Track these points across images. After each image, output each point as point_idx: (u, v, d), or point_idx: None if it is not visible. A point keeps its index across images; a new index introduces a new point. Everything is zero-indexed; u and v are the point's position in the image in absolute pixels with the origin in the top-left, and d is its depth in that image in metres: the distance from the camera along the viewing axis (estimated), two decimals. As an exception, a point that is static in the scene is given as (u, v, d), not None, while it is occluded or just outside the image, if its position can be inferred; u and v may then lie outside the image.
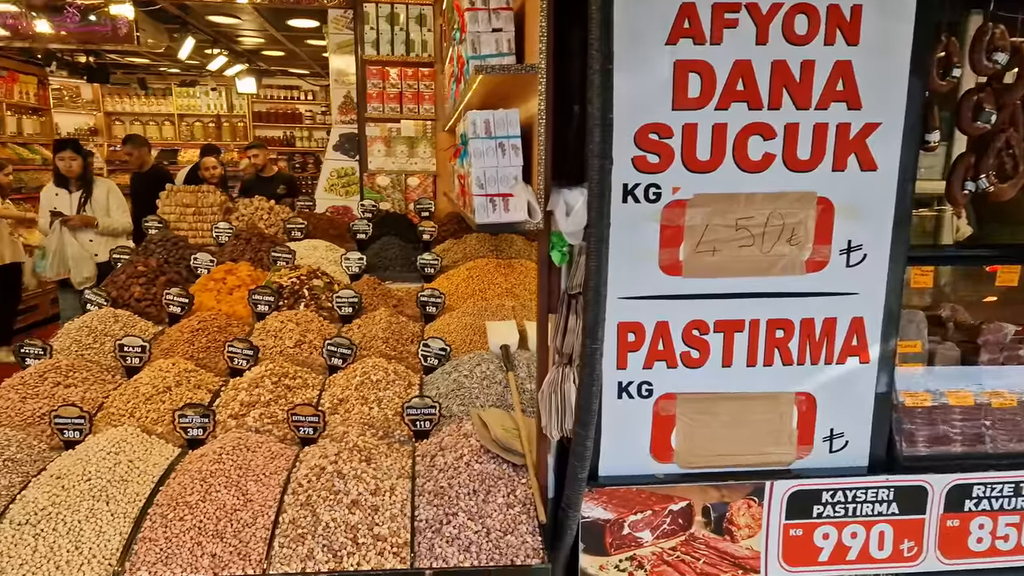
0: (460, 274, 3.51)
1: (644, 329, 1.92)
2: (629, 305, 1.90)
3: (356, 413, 2.39)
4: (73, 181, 5.18)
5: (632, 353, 1.94)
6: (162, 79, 11.07)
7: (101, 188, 5.27)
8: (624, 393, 1.97)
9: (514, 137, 1.87)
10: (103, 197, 5.25)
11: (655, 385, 1.97)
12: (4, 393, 2.48)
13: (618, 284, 1.86)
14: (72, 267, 5.13)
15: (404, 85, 5.31)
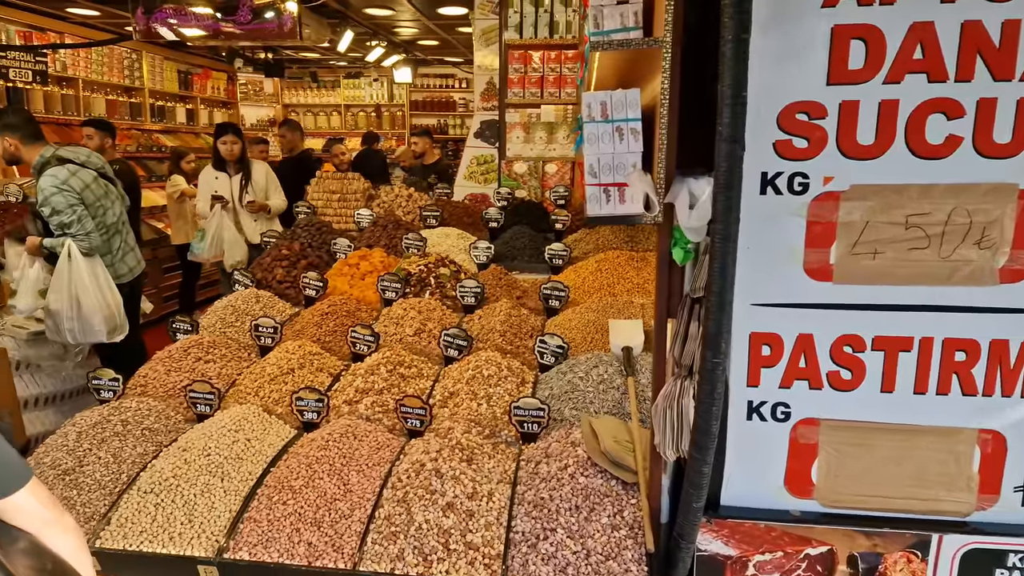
0: (588, 266, 3.32)
1: (782, 342, 1.64)
2: (764, 313, 1.63)
3: (464, 408, 2.30)
4: (232, 164, 5.15)
5: (766, 369, 1.66)
6: (331, 72, 11.79)
7: (259, 170, 5.28)
8: (755, 414, 1.70)
9: (634, 120, 1.66)
10: (262, 179, 5.25)
11: (793, 408, 1.68)
12: (153, 365, 2.66)
13: (752, 288, 1.60)
14: (226, 249, 5.11)
15: (546, 69, 5.17)
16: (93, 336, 3.58)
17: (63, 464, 2.10)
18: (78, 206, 3.49)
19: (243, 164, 5.19)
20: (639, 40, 1.71)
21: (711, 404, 1.54)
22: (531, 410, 2.14)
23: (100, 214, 3.66)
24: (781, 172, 1.55)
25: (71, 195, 3.46)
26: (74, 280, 3.47)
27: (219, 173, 5.18)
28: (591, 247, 3.66)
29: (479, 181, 5.41)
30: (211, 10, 5.68)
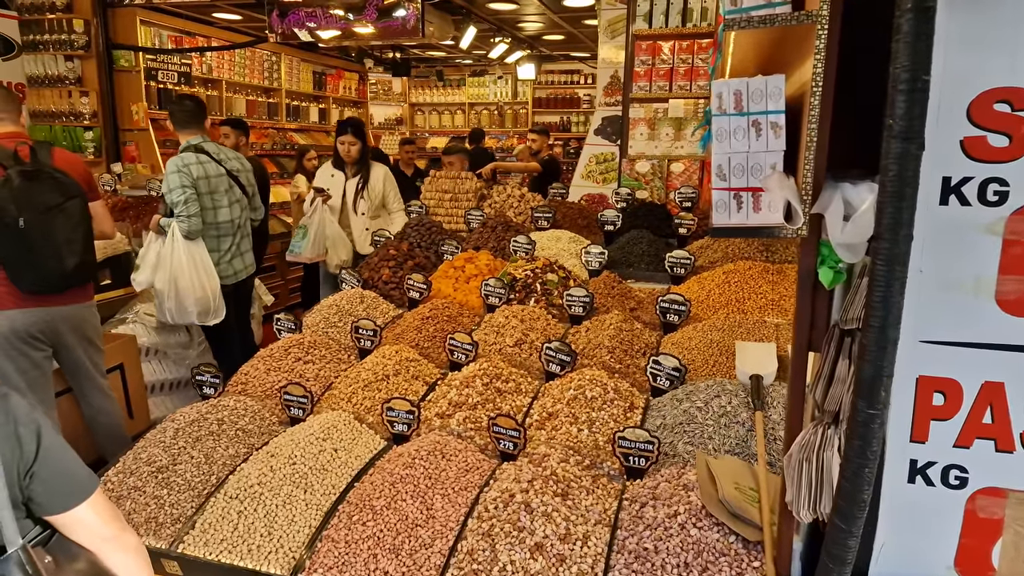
0: (715, 277, 2.99)
1: (961, 390, 1.30)
2: (939, 353, 1.29)
3: (563, 433, 2.08)
4: (350, 165, 4.70)
5: (938, 423, 1.32)
6: (457, 70, 11.91)
7: (377, 174, 4.75)
8: (920, 477, 1.36)
9: (775, 113, 1.36)
10: (379, 184, 4.72)
11: (972, 472, 1.33)
12: (255, 363, 2.65)
13: (923, 321, 1.27)
14: (329, 248, 4.62)
15: (677, 60, 4.82)
16: (186, 317, 3.63)
17: (158, 461, 2.09)
18: (189, 189, 3.55)
19: (362, 165, 4.73)
20: (786, 16, 1.41)
21: (863, 465, 1.22)
22: (638, 442, 1.89)
23: (210, 207, 3.69)
24: (970, 178, 1.20)
25: (186, 178, 3.54)
26: (174, 261, 3.55)
27: (336, 171, 4.80)
28: (719, 255, 3.31)
29: (597, 181, 5.15)
30: (342, 11, 5.80)
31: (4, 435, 1.23)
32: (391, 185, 4.80)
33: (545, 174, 6.03)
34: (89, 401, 3.20)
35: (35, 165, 2.81)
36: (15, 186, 2.72)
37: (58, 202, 2.83)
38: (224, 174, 3.78)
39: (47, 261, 2.75)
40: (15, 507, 1.24)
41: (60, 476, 1.31)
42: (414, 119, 12.12)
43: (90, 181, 3.17)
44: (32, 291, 2.81)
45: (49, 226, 2.75)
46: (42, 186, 2.80)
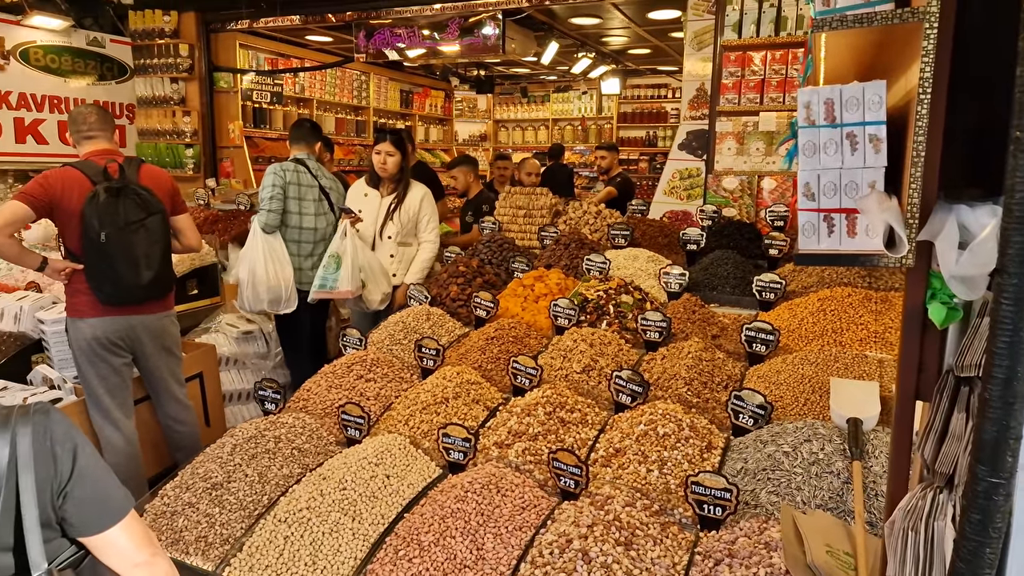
0: (808, 304, 2.72)
1: (1113, 456, 1.05)
2: (1083, 409, 1.05)
3: (631, 473, 1.91)
4: (386, 182, 3.96)
5: (1082, 495, 1.08)
6: (542, 86, 11.88)
7: (415, 194, 3.98)
8: (1055, 558, 1.12)
9: (875, 124, 1.17)
10: (415, 205, 3.95)
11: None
12: (317, 380, 2.61)
13: (1063, 370, 1.04)
14: (367, 281, 3.77)
15: (769, 71, 4.56)
16: (259, 304, 3.75)
17: (213, 477, 2.06)
18: (277, 188, 3.74)
19: (400, 182, 3.96)
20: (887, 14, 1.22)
21: (983, 544, 1.00)
22: (715, 489, 1.70)
23: (296, 211, 3.85)
24: None
25: (278, 179, 3.76)
26: (253, 252, 3.73)
27: (370, 190, 4.04)
28: (814, 280, 3.04)
29: (680, 197, 4.92)
30: (427, 30, 5.86)
31: (40, 452, 1.21)
32: (429, 209, 4.03)
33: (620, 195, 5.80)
34: (165, 410, 3.27)
35: (122, 182, 2.93)
36: (100, 202, 2.83)
37: (140, 218, 2.92)
38: (316, 187, 3.93)
39: (125, 274, 2.83)
40: (48, 527, 1.21)
41: (94, 497, 1.28)
42: (498, 135, 12.17)
43: (176, 196, 3.27)
44: (111, 302, 2.90)
45: (129, 241, 2.84)
46: (126, 202, 2.90)
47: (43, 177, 2.90)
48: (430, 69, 9.79)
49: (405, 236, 4.00)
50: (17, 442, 1.17)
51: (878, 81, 1.19)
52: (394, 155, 3.91)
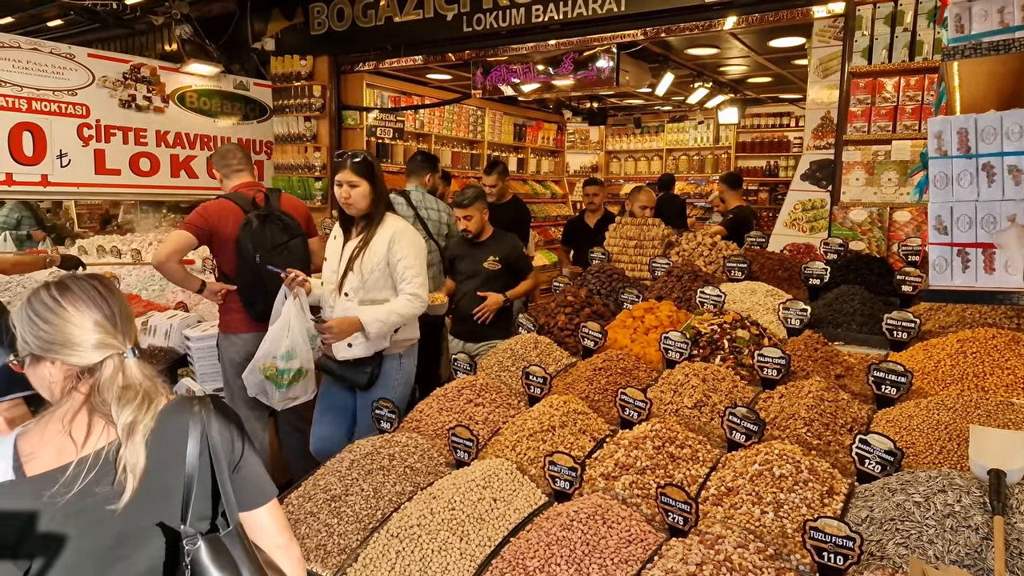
0: (946, 345, 2.51)
1: None
2: None
3: (743, 513, 1.83)
4: (357, 222, 3.10)
5: None
6: (656, 117, 11.80)
7: (384, 233, 3.02)
8: None
9: (1015, 154, 1.10)
10: (381, 248, 2.99)
11: None
12: (429, 402, 2.70)
13: None
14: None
15: (902, 97, 4.31)
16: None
17: (332, 490, 2.17)
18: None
19: (371, 221, 3.04)
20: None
21: None
22: (837, 536, 1.59)
23: None
24: None
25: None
26: None
27: (339, 232, 3.18)
28: (953, 320, 2.81)
29: (802, 229, 4.70)
30: (541, 66, 6.01)
31: (224, 430, 1.40)
32: (407, 251, 3.00)
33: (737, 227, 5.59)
34: (289, 416, 3.50)
35: (267, 209, 3.29)
36: (253, 228, 3.21)
37: (284, 240, 3.28)
38: (411, 216, 4.21)
39: (274, 290, 3.10)
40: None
41: (254, 478, 1.46)
42: (610, 166, 12.17)
43: (309, 221, 3.63)
44: (262, 318, 3.17)
45: (275, 261, 3.14)
46: (273, 227, 3.28)
47: (203, 209, 3.28)
48: (543, 102, 10.00)
49: (372, 290, 3.00)
50: (211, 424, 1.38)
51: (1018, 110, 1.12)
52: (358, 185, 2.97)
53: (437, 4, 5.94)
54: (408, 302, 3.00)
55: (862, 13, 4.38)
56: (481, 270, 3.99)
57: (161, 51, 7.14)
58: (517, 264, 4.08)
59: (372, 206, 3.04)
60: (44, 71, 5.38)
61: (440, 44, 6.20)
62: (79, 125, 5.62)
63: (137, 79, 5.98)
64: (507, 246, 4.07)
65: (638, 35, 5.45)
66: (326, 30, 6.57)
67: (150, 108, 6.09)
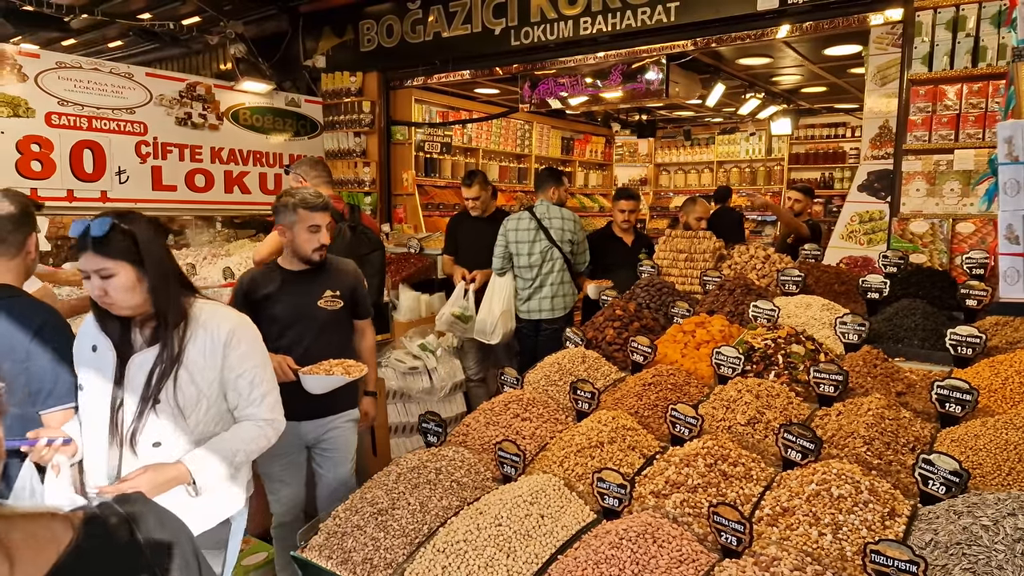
0: (1015, 362, 2.39)
1: None
2: None
3: (800, 535, 1.77)
4: (139, 323, 2.02)
5: None
6: (706, 129, 11.65)
7: (204, 337, 2.02)
8: None
9: (1101, 149, 1.04)
10: (209, 363, 2.02)
11: None
12: (476, 416, 2.69)
13: None
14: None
15: (965, 105, 4.15)
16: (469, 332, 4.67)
17: (379, 503, 2.18)
18: (500, 238, 4.75)
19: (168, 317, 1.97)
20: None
21: None
22: (899, 561, 1.52)
23: (515, 252, 4.71)
24: None
25: (501, 237, 4.75)
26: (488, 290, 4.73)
27: (101, 337, 2.04)
28: (1021, 335, 2.67)
29: (860, 242, 4.56)
30: (590, 78, 6.02)
31: None
32: (250, 358, 2.09)
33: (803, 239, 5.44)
34: None
35: (354, 221, 3.53)
36: (347, 239, 3.50)
37: (366, 252, 3.51)
38: (536, 228, 4.65)
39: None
40: None
41: None
42: (659, 179, 12.06)
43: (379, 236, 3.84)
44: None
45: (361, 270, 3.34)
46: (359, 239, 3.51)
47: None
48: (591, 115, 9.99)
49: (209, 425, 2.06)
50: None
51: (1102, 109, 1.06)
52: (113, 274, 1.87)
53: (485, 19, 6.01)
54: (258, 430, 2.11)
55: (922, 19, 4.25)
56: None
57: (216, 70, 7.41)
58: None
59: (156, 299, 1.94)
60: (104, 90, 5.60)
61: (488, 58, 6.27)
62: (137, 142, 5.83)
63: (193, 97, 6.18)
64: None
65: (688, 46, 5.41)
66: (376, 46, 6.72)
67: (205, 125, 6.29)
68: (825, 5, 4.75)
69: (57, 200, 5.34)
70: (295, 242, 2.86)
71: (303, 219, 2.82)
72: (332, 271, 3.02)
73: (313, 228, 2.85)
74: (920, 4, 4.25)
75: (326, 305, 2.95)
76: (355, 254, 3.42)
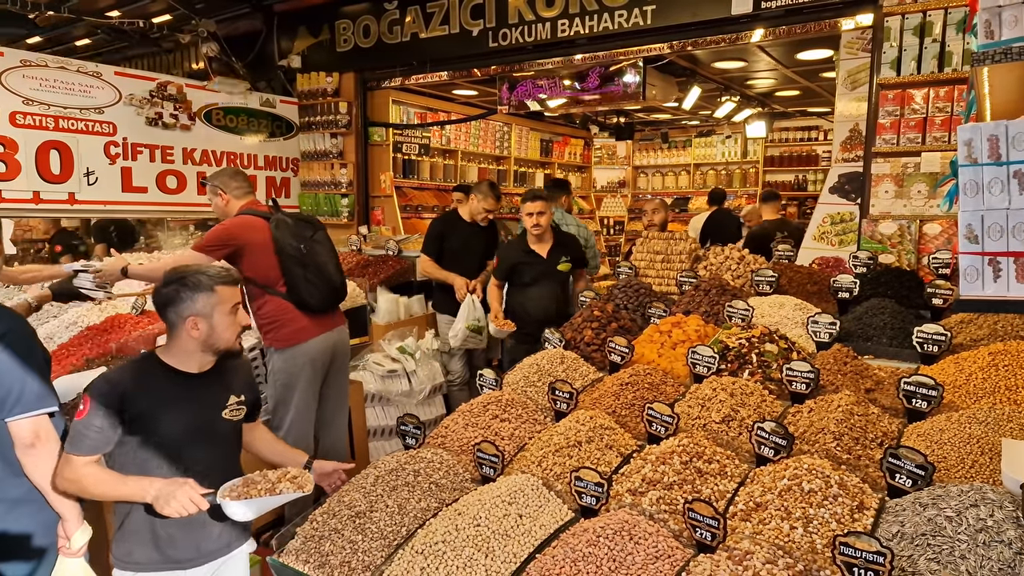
0: (978, 358, 2.47)
1: None
2: None
3: (772, 529, 1.81)
4: None
5: None
6: (683, 131, 11.77)
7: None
8: None
9: (1052, 154, 1.09)
10: None
11: None
12: (455, 417, 2.70)
13: None
14: None
15: (931, 109, 4.25)
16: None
17: (357, 506, 2.18)
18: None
19: None
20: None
21: None
22: (867, 552, 1.56)
23: None
24: None
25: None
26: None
27: None
28: (985, 332, 2.75)
29: (831, 243, 4.65)
30: (568, 80, 6.06)
31: None
32: None
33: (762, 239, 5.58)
34: (332, 431, 3.55)
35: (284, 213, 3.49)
36: (290, 225, 3.38)
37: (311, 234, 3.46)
38: None
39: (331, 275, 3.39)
40: None
41: None
42: (637, 181, 12.16)
43: None
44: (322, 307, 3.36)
45: (316, 250, 3.37)
46: (301, 224, 3.52)
47: (222, 229, 3.36)
48: (570, 118, 10.04)
49: None
50: None
51: (1053, 115, 1.11)
52: None
53: (463, 20, 6.02)
54: None
55: (890, 24, 4.35)
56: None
57: (188, 69, 7.30)
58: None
59: None
60: (71, 89, 5.46)
61: (466, 60, 6.27)
62: (106, 143, 5.70)
63: (164, 97, 6.07)
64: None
65: (664, 49, 5.47)
66: (352, 47, 6.69)
67: (177, 126, 6.18)
68: (798, 9, 4.83)
69: (23, 202, 5.21)
70: (215, 333, 2.16)
71: (225, 298, 2.16)
72: (230, 367, 2.34)
73: (235, 308, 2.23)
74: (889, 10, 4.34)
75: (231, 416, 2.29)
76: (302, 237, 3.38)
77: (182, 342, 2.18)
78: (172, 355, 2.20)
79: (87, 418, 2.04)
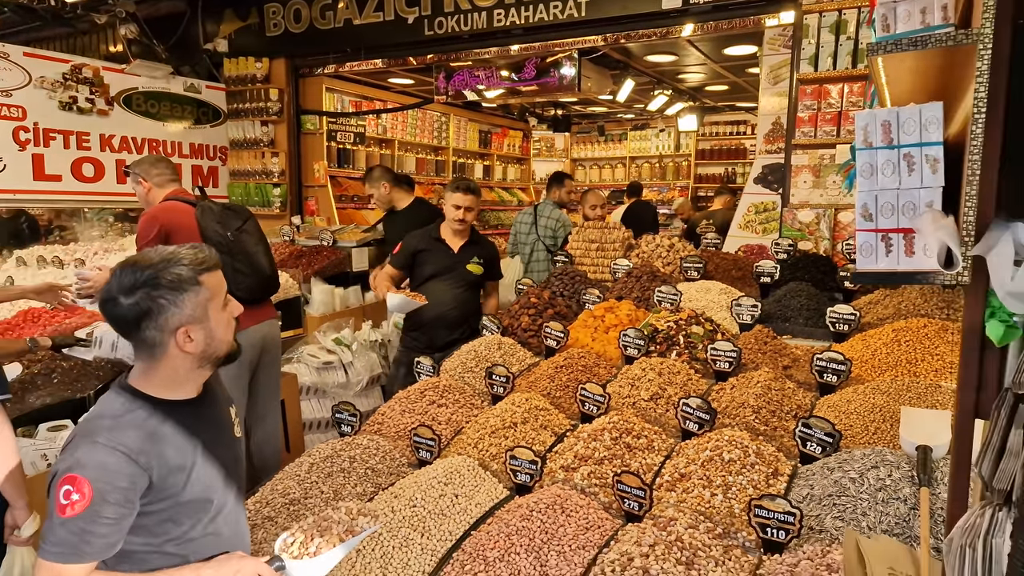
0: (883, 335, 2.66)
1: None
2: None
3: (695, 497, 1.91)
4: None
5: None
6: (619, 125, 11.99)
7: None
8: None
9: (932, 145, 1.19)
10: None
11: None
12: (392, 404, 2.73)
13: None
14: None
15: (846, 103, 4.49)
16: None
17: (291, 493, 2.18)
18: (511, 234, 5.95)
19: None
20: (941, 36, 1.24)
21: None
22: (778, 513, 1.68)
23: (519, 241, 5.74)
24: None
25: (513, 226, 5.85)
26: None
27: None
28: (890, 312, 2.96)
29: (756, 231, 4.86)
30: (504, 71, 6.10)
31: None
32: None
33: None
34: (265, 425, 3.49)
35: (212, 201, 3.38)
36: (214, 211, 3.27)
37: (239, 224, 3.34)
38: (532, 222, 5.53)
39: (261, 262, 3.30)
40: None
41: None
42: (575, 173, 12.32)
43: None
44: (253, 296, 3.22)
45: (245, 240, 3.26)
46: (228, 213, 3.34)
47: (150, 217, 3.25)
48: (508, 109, 10.09)
49: None
50: None
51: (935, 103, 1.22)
52: None
53: (398, 7, 5.97)
54: None
55: (809, 22, 4.56)
56: None
57: (105, 52, 6.92)
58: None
59: None
60: (-27, 71, 5.09)
61: (401, 48, 6.22)
62: (15, 128, 5.37)
63: (79, 80, 5.74)
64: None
65: (598, 41, 5.57)
66: (283, 31, 6.53)
67: (93, 111, 5.87)
68: (725, 6, 5.01)
69: (-80, 193, 4.88)
70: (213, 339, 1.59)
71: (214, 290, 1.58)
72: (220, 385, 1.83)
73: (226, 297, 1.65)
74: (808, 8, 4.55)
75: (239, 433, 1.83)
76: (231, 227, 3.29)
77: (172, 363, 1.56)
78: (160, 384, 1.57)
79: (91, 510, 1.41)
